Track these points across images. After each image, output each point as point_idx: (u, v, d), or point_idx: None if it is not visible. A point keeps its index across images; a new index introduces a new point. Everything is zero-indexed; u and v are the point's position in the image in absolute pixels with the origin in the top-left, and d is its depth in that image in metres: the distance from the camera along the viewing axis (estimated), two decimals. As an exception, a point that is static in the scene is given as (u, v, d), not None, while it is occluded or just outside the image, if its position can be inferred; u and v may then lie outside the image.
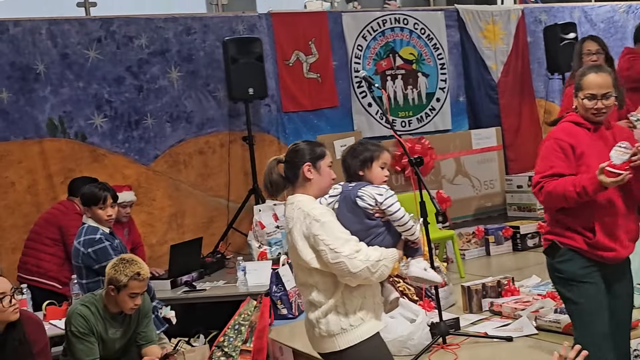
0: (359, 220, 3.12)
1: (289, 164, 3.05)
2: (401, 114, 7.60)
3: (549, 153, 3.15)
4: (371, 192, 3.16)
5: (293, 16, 7.19)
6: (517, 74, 8.12)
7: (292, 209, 3.00)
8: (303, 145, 3.10)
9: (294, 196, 3.05)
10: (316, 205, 3.06)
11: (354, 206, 3.13)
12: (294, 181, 3.05)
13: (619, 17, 8.91)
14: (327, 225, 2.93)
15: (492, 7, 8.35)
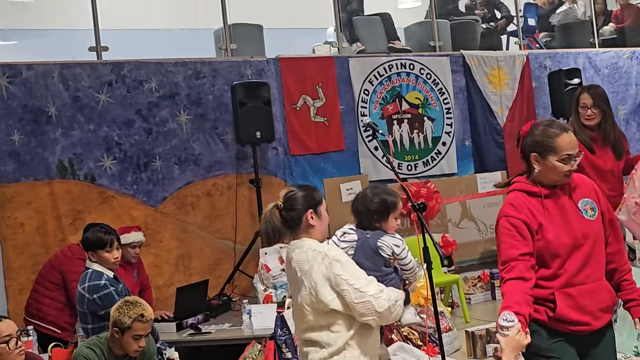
0: (376, 268, 3.23)
1: (290, 211, 3.05)
2: (407, 157, 7.66)
3: (504, 235, 2.88)
4: (390, 243, 3.36)
5: (301, 61, 7.31)
6: (523, 118, 8.17)
7: (304, 252, 3.01)
8: (301, 191, 3.12)
9: (302, 240, 3.05)
10: (332, 247, 3.12)
11: (374, 254, 3.25)
12: (295, 227, 3.06)
13: (622, 62, 9.00)
14: (348, 265, 2.97)
15: (497, 52, 8.46)
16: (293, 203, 3.06)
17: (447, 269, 6.49)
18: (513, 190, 3.00)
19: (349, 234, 3.45)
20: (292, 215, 3.05)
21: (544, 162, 2.91)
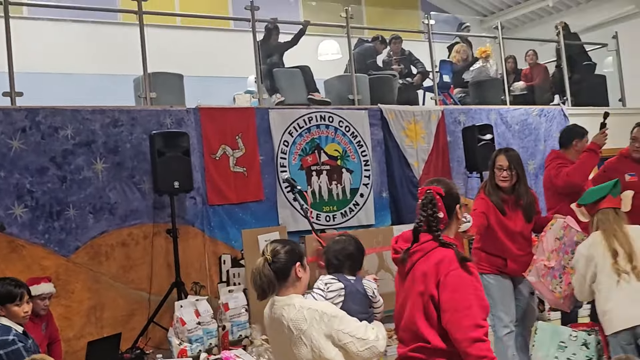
0: (364, 310, 3.59)
1: (279, 264, 3.16)
2: (326, 208, 7.73)
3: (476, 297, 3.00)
4: (371, 286, 3.78)
5: (221, 111, 7.32)
6: (438, 171, 8.39)
7: (297, 310, 3.11)
8: (286, 245, 3.25)
9: (290, 297, 3.16)
10: (323, 303, 3.35)
11: (363, 298, 3.60)
12: (283, 280, 3.17)
13: (532, 119, 9.40)
14: (345, 318, 3.15)
15: (414, 107, 8.71)
16: (281, 257, 3.17)
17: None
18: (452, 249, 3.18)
19: (332, 283, 3.73)
20: (280, 268, 3.16)
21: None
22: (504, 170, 5.18)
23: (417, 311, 3.03)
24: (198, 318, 5.52)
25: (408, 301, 3.10)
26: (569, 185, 5.46)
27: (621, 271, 4.23)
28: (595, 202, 4.60)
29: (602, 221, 4.49)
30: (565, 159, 5.66)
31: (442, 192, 3.18)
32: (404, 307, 3.11)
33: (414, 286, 3.06)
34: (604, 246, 4.34)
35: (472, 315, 2.91)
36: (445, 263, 3.00)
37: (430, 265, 3.03)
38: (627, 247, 4.26)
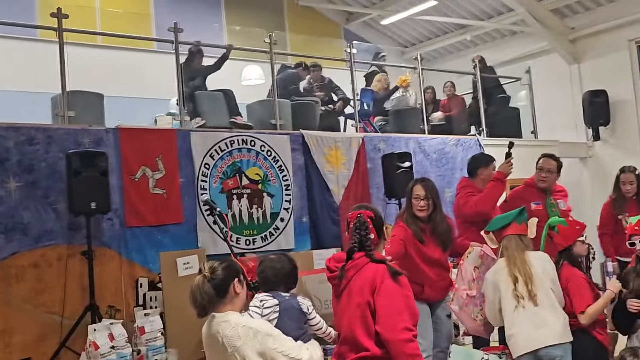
0: (299, 326, 3.64)
1: (219, 280, 3.20)
2: (246, 232, 7.72)
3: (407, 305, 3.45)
4: (305, 302, 3.89)
5: (141, 132, 7.24)
6: (357, 197, 8.51)
7: (232, 327, 3.13)
8: (223, 262, 3.30)
9: (227, 314, 3.19)
10: (260, 321, 3.42)
11: (299, 314, 3.64)
12: (222, 298, 3.21)
13: (449, 149, 9.67)
14: (280, 337, 3.18)
15: (335, 133, 8.83)
16: (219, 274, 3.21)
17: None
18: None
19: (267, 300, 3.83)
20: (219, 284, 3.19)
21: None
22: (421, 199, 5.31)
23: (355, 323, 3.36)
24: (112, 342, 5.40)
25: (345, 316, 3.43)
26: (477, 214, 5.64)
27: (519, 297, 4.43)
28: (501, 229, 4.79)
29: (506, 247, 4.69)
30: (474, 187, 5.85)
31: (373, 216, 3.58)
32: (341, 322, 3.44)
33: (351, 300, 3.41)
34: (506, 272, 4.54)
35: (404, 319, 3.30)
36: (379, 274, 3.40)
37: (366, 278, 3.40)
38: (525, 274, 4.45)
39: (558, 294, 4.54)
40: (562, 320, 4.44)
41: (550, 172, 6.14)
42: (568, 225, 4.95)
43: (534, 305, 4.40)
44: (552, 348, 4.35)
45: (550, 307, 4.44)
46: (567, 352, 4.39)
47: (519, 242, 4.65)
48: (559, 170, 6.32)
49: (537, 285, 4.43)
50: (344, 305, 3.45)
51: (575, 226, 4.98)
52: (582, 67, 12.53)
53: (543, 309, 4.42)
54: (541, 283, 4.45)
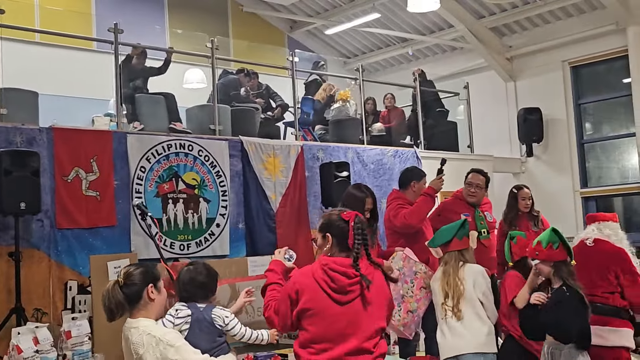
0: (211, 339, 3.53)
1: (131, 286, 3.19)
2: (180, 237, 7.65)
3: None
4: (221, 314, 3.76)
5: (76, 133, 7.12)
6: (295, 205, 8.55)
7: (139, 334, 3.12)
8: (140, 267, 3.28)
9: (138, 320, 3.18)
10: (166, 330, 3.29)
11: (210, 327, 3.53)
12: (135, 303, 3.19)
13: (387, 160, 9.79)
14: (182, 348, 3.12)
15: (274, 141, 8.83)
16: (133, 278, 3.20)
17: (211, 351, 6.50)
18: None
19: (182, 310, 3.71)
20: (132, 290, 3.18)
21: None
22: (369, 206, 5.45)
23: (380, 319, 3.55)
24: (36, 346, 5.28)
25: (364, 318, 3.47)
26: (405, 226, 5.74)
27: (447, 309, 4.59)
28: (444, 245, 4.90)
29: (445, 262, 4.82)
30: (404, 199, 5.95)
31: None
32: (345, 329, 3.42)
33: (369, 307, 3.50)
34: (440, 285, 4.70)
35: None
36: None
37: (379, 285, 3.61)
38: (455, 290, 4.60)
39: (488, 306, 4.67)
40: (487, 330, 4.59)
41: (479, 188, 6.29)
42: (527, 237, 5.16)
43: (457, 320, 4.57)
44: (472, 356, 4.50)
45: (477, 318, 4.60)
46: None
47: (459, 258, 4.79)
48: (487, 185, 6.49)
49: (465, 300, 4.60)
50: (355, 312, 3.46)
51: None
52: (518, 84, 12.88)
53: (468, 320, 4.57)
54: (470, 296, 4.62)
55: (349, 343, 3.39)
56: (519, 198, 6.64)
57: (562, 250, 4.59)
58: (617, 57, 11.66)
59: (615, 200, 12.25)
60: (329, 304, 3.43)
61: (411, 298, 5.12)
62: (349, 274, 3.46)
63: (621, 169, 12.21)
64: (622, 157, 12.17)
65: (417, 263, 5.28)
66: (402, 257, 5.32)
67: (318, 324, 3.40)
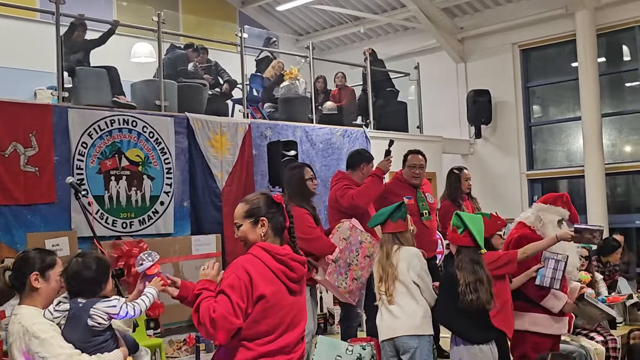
0: (84, 339, 3.17)
1: (16, 272, 3.10)
2: (123, 214, 7.51)
3: None
4: (103, 309, 3.22)
5: (14, 106, 6.89)
6: (241, 184, 8.45)
7: (13, 323, 3.03)
8: (33, 253, 3.16)
9: (19, 307, 3.08)
10: (38, 320, 3.08)
11: (85, 325, 3.18)
12: (21, 291, 3.10)
13: (336, 139, 9.74)
14: (47, 341, 2.97)
15: (221, 118, 8.70)
16: (21, 264, 3.11)
17: (152, 331, 6.41)
18: None
19: (63, 303, 3.32)
20: (18, 277, 3.09)
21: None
22: (315, 179, 5.48)
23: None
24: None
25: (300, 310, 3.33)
26: (352, 207, 5.70)
27: (381, 292, 4.58)
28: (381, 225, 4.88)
29: (381, 245, 4.81)
30: (351, 180, 5.91)
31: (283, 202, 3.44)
32: (292, 318, 3.26)
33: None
34: (375, 268, 4.69)
35: None
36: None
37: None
38: (388, 273, 4.58)
39: (425, 288, 4.64)
40: (422, 313, 4.57)
41: (422, 168, 6.29)
42: (491, 218, 5.14)
43: (389, 303, 4.56)
44: (407, 338, 4.51)
45: (412, 300, 4.57)
46: (423, 343, 4.53)
47: (393, 241, 4.72)
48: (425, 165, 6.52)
49: (399, 283, 4.56)
50: (302, 301, 3.37)
51: (497, 221, 5.17)
52: (469, 66, 12.94)
53: (404, 303, 4.55)
54: (404, 278, 4.59)
55: (295, 332, 3.29)
56: (462, 179, 6.67)
57: (466, 236, 4.60)
58: (565, 41, 11.79)
59: (561, 182, 12.45)
60: (285, 295, 3.25)
61: (356, 266, 5.21)
62: (303, 261, 3.30)
63: (567, 151, 12.40)
64: (568, 140, 12.36)
65: (363, 233, 5.33)
66: (349, 226, 5.36)
67: (273, 315, 3.19)
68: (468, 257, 4.56)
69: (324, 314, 7.71)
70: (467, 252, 4.57)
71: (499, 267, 4.83)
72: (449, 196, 6.62)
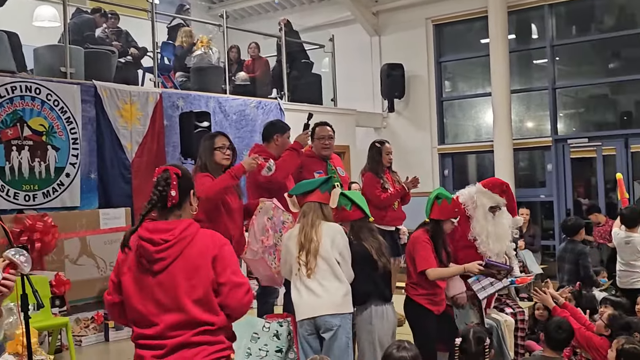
0: None
1: None
2: (26, 187, 7.13)
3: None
4: None
5: None
6: (152, 155, 8.19)
7: None
8: None
9: None
10: None
11: None
12: None
13: (250, 111, 9.57)
14: None
15: (131, 87, 8.38)
16: None
17: (58, 310, 6.14)
18: None
19: None
20: None
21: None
22: (227, 148, 5.25)
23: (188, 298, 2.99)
24: None
25: (173, 291, 2.99)
26: (271, 180, 5.58)
27: (300, 264, 4.48)
28: (304, 194, 4.78)
29: (304, 214, 4.69)
30: (268, 153, 5.77)
31: (180, 173, 3.10)
32: (150, 302, 2.99)
33: (183, 273, 2.99)
34: (296, 240, 4.56)
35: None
36: (216, 240, 3.08)
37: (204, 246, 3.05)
38: (311, 244, 4.48)
39: (344, 266, 4.58)
40: (344, 291, 4.52)
41: (331, 138, 6.24)
42: (451, 204, 5.28)
43: (307, 277, 4.47)
44: (330, 317, 4.44)
45: (334, 278, 4.50)
46: (344, 322, 4.49)
47: (318, 211, 4.63)
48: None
49: (320, 257, 4.47)
50: (171, 280, 3.00)
51: (455, 208, 5.31)
52: (383, 40, 12.95)
53: (326, 280, 4.46)
54: (327, 255, 4.50)
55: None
56: (383, 152, 6.67)
57: (355, 210, 4.84)
58: (477, 17, 11.94)
59: (470, 157, 12.71)
60: (131, 274, 3.09)
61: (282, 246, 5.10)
62: (155, 239, 3.03)
63: (476, 126, 12.65)
64: (477, 116, 12.60)
65: (285, 212, 5.23)
66: (272, 206, 5.24)
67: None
68: (364, 227, 4.86)
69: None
70: (362, 223, 4.86)
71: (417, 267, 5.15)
72: (371, 169, 6.63)
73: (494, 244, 5.45)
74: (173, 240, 3.00)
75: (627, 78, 11.22)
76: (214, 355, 3.02)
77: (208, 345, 3.01)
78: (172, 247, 3.00)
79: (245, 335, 4.48)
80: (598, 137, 11.25)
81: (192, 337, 2.98)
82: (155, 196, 3.06)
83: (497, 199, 5.49)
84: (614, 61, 11.68)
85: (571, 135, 11.58)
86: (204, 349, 2.99)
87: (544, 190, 11.68)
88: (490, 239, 5.44)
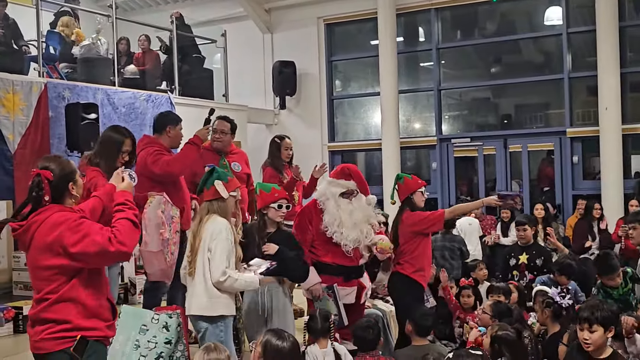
0: None
1: None
2: None
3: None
4: None
5: None
6: (36, 147, 7.92)
7: None
8: None
9: None
10: None
11: None
12: None
13: (139, 104, 9.41)
14: None
15: (14, 76, 8.06)
16: None
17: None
18: None
19: None
20: None
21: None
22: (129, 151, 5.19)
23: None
24: None
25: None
26: (167, 174, 5.50)
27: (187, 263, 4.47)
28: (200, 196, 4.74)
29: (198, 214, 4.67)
30: (160, 145, 5.70)
31: (51, 177, 3.44)
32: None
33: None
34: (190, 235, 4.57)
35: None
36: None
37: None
38: (192, 244, 4.45)
39: (213, 263, 4.39)
40: (210, 294, 4.38)
41: (224, 133, 6.27)
42: (412, 178, 5.88)
43: (189, 274, 4.46)
44: (197, 319, 4.42)
45: (203, 279, 4.40)
46: (213, 324, 4.39)
47: (207, 208, 4.53)
48: (233, 132, 6.48)
49: (199, 257, 4.40)
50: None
51: (418, 180, 5.92)
52: (275, 37, 13.05)
53: (197, 279, 4.39)
54: (202, 253, 4.40)
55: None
56: (282, 148, 6.77)
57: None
58: (368, 18, 12.23)
59: (359, 154, 13.01)
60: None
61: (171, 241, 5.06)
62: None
63: (365, 125, 12.96)
64: (366, 115, 12.92)
65: (174, 207, 5.18)
66: (163, 200, 5.16)
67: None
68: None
69: (124, 284, 7.49)
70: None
71: (427, 227, 5.73)
72: (271, 164, 6.73)
73: (349, 231, 5.39)
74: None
75: (507, 82, 11.82)
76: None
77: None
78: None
79: (134, 327, 4.42)
80: (479, 137, 11.79)
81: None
82: (30, 200, 3.44)
83: (345, 184, 5.48)
84: (495, 66, 12.28)
85: (455, 135, 12.08)
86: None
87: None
88: (344, 227, 5.39)
